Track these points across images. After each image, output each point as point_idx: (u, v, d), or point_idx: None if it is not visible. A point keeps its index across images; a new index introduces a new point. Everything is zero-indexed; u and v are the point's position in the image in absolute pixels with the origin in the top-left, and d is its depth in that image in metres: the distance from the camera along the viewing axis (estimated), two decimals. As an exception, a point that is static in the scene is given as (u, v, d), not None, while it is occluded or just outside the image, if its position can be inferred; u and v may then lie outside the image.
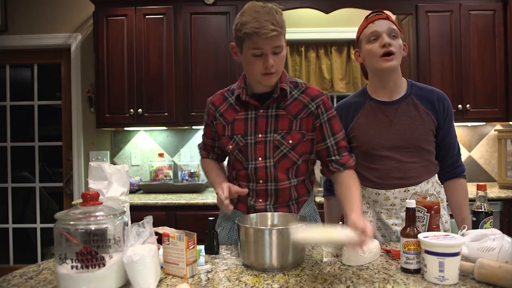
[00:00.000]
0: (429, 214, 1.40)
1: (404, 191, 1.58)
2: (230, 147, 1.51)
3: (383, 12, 1.59)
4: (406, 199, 1.58)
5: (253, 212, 1.50)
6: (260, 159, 1.47)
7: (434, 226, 1.41)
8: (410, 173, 1.58)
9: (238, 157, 1.51)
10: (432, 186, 1.63)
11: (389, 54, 1.52)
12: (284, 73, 1.50)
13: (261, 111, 1.48)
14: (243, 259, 1.29)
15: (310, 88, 1.51)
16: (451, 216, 1.68)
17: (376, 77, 1.62)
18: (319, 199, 2.27)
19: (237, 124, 1.50)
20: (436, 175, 1.69)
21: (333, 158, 1.49)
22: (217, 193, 1.44)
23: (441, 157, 1.65)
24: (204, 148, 1.69)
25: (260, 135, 1.47)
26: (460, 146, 3.53)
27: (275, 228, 1.25)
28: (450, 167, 1.65)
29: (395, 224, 1.60)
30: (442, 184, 1.70)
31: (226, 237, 1.59)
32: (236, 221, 1.33)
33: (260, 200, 1.51)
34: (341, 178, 1.47)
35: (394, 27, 1.55)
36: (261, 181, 1.49)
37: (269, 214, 1.44)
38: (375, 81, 1.63)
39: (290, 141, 1.46)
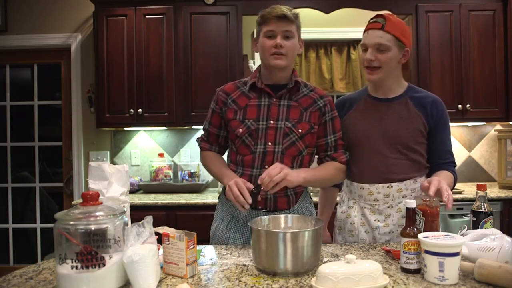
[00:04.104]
0: (424, 218, 1.39)
1: (388, 187, 1.61)
2: (240, 130, 1.57)
3: (383, 18, 1.57)
4: (389, 195, 1.61)
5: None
6: (269, 144, 1.55)
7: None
8: (393, 168, 1.61)
9: (247, 141, 1.57)
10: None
11: (371, 67, 1.58)
12: (296, 71, 1.65)
13: (274, 100, 1.58)
14: (255, 263, 1.27)
15: (317, 88, 1.67)
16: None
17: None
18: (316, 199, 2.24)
19: (249, 109, 1.58)
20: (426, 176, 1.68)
21: (329, 153, 1.63)
22: (228, 185, 1.47)
23: (431, 162, 1.66)
24: (207, 140, 1.72)
25: (272, 122, 1.56)
26: (460, 146, 3.53)
27: (289, 231, 1.21)
28: (438, 166, 1.64)
29: (378, 220, 1.63)
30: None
31: (225, 229, 1.62)
32: (248, 224, 1.31)
33: (260, 199, 1.53)
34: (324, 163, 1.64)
35: (384, 41, 1.54)
36: (267, 166, 1.53)
37: (282, 216, 1.42)
38: (372, 83, 1.70)
39: (300, 130, 1.55)
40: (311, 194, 3.02)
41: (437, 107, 1.62)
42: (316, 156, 1.69)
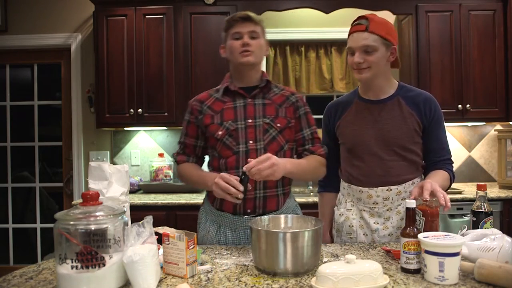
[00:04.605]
0: (424, 218, 1.39)
1: (387, 190, 1.60)
2: (220, 133, 1.58)
3: (366, 19, 1.55)
4: (388, 198, 1.61)
5: (242, 205, 1.54)
6: (251, 142, 1.57)
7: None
8: (392, 171, 1.60)
9: (228, 142, 1.57)
10: None
11: (360, 68, 1.57)
12: (265, 73, 1.69)
13: (249, 100, 1.62)
14: (255, 263, 1.27)
15: (288, 87, 1.75)
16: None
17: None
18: (299, 199, 2.23)
19: (226, 112, 1.61)
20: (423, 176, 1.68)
21: (306, 147, 1.66)
22: (214, 183, 1.43)
23: (426, 161, 1.65)
24: (183, 152, 1.71)
25: (250, 120, 1.59)
26: (460, 146, 3.53)
27: (289, 231, 1.21)
28: (433, 165, 1.63)
29: (377, 223, 1.63)
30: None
31: (213, 239, 1.61)
32: (249, 224, 1.31)
33: (250, 188, 1.51)
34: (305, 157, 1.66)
35: (371, 42, 1.52)
36: None
37: (282, 216, 1.41)
38: (362, 83, 1.69)
39: (279, 125, 1.59)
40: (310, 194, 3.06)
41: (430, 104, 1.60)
42: (295, 155, 1.70)
